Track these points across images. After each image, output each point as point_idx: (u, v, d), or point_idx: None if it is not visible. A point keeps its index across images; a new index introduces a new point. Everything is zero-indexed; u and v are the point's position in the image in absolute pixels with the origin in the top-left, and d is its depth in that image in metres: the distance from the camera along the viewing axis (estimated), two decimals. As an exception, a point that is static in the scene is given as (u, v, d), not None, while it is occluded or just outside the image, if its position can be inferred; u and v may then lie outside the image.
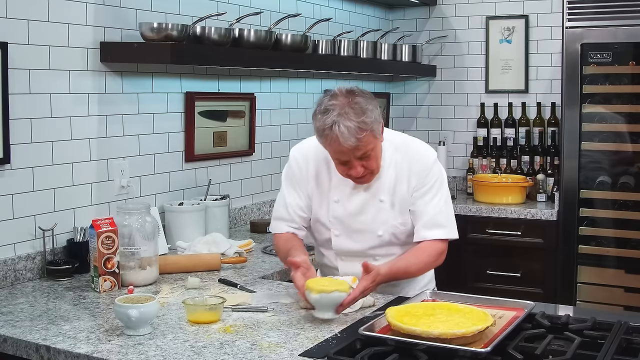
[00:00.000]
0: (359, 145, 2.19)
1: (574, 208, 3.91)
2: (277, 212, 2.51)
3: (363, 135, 2.17)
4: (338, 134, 2.17)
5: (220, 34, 3.07)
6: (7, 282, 2.53)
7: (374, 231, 2.39)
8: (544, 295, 3.92)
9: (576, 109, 3.86)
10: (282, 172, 2.54)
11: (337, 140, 2.18)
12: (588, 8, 3.82)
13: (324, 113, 2.22)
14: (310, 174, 2.44)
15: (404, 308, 2.01)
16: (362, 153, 2.23)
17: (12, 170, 2.57)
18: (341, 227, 2.41)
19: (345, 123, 2.16)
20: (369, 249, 2.42)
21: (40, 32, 2.64)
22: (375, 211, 2.38)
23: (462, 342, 1.80)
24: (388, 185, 2.38)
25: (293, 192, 2.46)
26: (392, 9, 4.99)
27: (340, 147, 2.20)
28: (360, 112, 2.19)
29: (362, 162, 2.26)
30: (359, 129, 2.17)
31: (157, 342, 1.95)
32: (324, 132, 2.21)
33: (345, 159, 2.25)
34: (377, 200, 2.38)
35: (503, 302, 2.15)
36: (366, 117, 2.19)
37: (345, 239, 2.42)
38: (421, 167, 2.38)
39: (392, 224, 2.39)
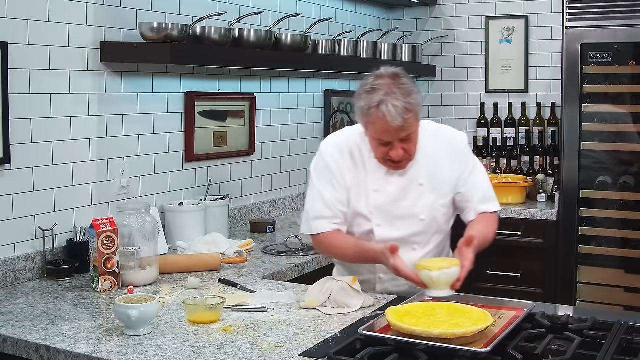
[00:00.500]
0: (405, 126, 2.19)
1: (574, 208, 3.91)
2: (315, 210, 2.39)
3: (409, 116, 2.18)
4: (385, 112, 2.16)
5: (220, 34, 3.07)
6: (7, 282, 2.53)
7: (416, 216, 2.38)
8: (544, 295, 3.92)
9: (576, 109, 3.86)
10: (312, 167, 2.45)
11: (384, 119, 2.17)
12: (588, 8, 3.82)
13: (370, 92, 2.21)
14: (346, 166, 2.39)
15: (404, 308, 2.01)
16: (406, 135, 2.23)
17: (12, 170, 2.57)
18: (382, 215, 2.38)
19: (393, 102, 2.17)
20: (411, 235, 2.39)
21: (40, 32, 2.64)
22: (416, 195, 2.38)
23: (462, 342, 1.80)
24: (426, 169, 2.38)
25: (330, 187, 2.38)
26: (392, 9, 4.99)
27: (386, 127, 2.19)
28: (406, 93, 2.20)
29: (403, 144, 2.25)
30: (405, 109, 2.17)
31: (157, 342, 1.95)
32: (370, 110, 2.20)
33: (388, 139, 2.24)
34: (417, 185, 2.38)
35: (503, 302, 2.15)
36: (412, 98, 2.20)
37: (387, 228, 2.38)
38: (460, 149, 2.43)
39: (434, 207, 2.39)
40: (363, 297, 2.26)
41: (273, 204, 3.91)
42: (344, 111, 4.44)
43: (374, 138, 2.27)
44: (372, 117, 2.21)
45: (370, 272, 2.46)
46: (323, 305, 2.22)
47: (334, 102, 4.38)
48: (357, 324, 2.05)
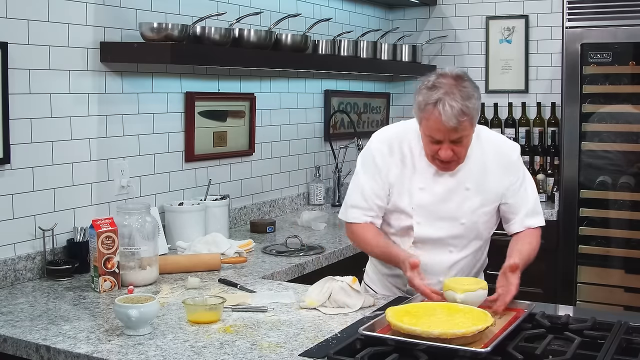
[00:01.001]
0: (458, 128, 2.19)
1: (574, 208, 3.91)
2: (352, 199, 2.43)
3: (464, 119, 2.18)
4: (441, 110, 2.17)
5: (220, 34, 3.07)
6: (7, 282, 2.53)
7: (457, 219, 2.38)
8: (544, 295, 3.91)
9: (576, 109, 3.86)
10: (359, 157, 2.47)
11: (439, 118, 2.17)
12: (588, 8, 3.82)
13: (431, 89, 2.22)
14: (393, 162, 2.39)
15: (404, 308, 2.01)
16: (458, 137, 2.22)
17: (12, 170, 2.57)
18: (425, 214, 2.37)
19: (450, 102, 2.17)
20: (449, 237, 2.39)
21: (40, 32, 2.64)
22: (460, 199, 2.37)
23: (462, 342, 1.80)
24: (475, 174, 2.37)
25: (371, 180, 2.40)
26: (392, 9, 4.99)
27: (439, 125, 2.19)
28: (466, 97, 2.20)
29: (454, 146, 2.25)
30: (462, 111, 2.17)
31: (157, 342, 1.95)
32: (427, 106, 2.20)
33: (439, 138, 2.23)
34: (464, 188, 2.37)
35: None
36: (470, 102, 2.20)
37: (427, 227, 2.38)
38: (513, 160, 2.42)
39: (476, 212, 2.39)
40: (363, 297, 2.26)
41: (273, 204, 3.90)
42: (344, 111, 4.44)
43: (426, 134, 2.27)
44: (427, 113, 2.21)
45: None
46: (323, 305, 2.22)
47: (334, 102, 4.38)
48: (357, 323, 2.05)
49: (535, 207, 2.44)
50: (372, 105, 4.78)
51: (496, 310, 2.09)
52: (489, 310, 2.02)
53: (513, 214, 2.42)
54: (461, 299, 2.08)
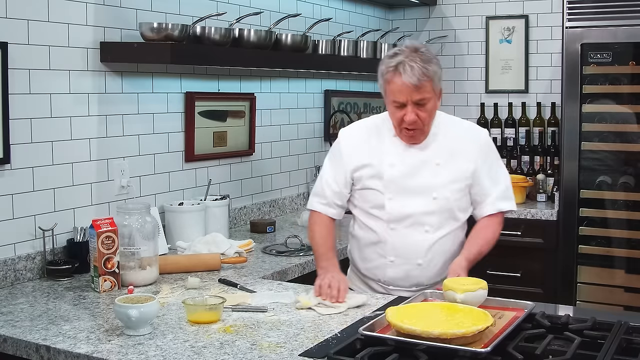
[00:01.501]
0: (419, 86, 2.30)
1: (574, 208, 3.91)
2: (314, 188, 2.61)
3: (425, 79, 2.31)
4: (402, 71, 2.30)
5: (220, 34, 3.07)
6: (7, 282, 2.53)
7: (428, 193, 2.42)
8: (544, 295, 3.92)
9: (576, 109, 3.86)
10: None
11: (400, 78, 2.31)
12: (588, 8, 3.82)
13: (391, 57, 2.36)
14: (362, 146, 2.49)
15: (404, 308, 2.02)
16: (420, 98, 2.33)
17: (12, 170, 2.57)
18: (396, 189, 2.43)
19: (410, 64, 2.31)
20: (422, 214, 2.42)
21: (40, 32, 2.64)
22: (430, 174, 2.43)
23: (462, 342, 1.80)
24: (444, 152, 2.45)
25: (332, 168, 2.54)
26: (392, 9, 4.99)
27: (401, 86, 2.31)
28: (426, 60, 2.34)
29: (418, 109, 2.34)
30: (422, 72, 2.30)
31: (157, 342, 1.95)
32: (388, 71, 2.34)
33: (403, 100, 2.33)
34: (434, 164, 2.44)
35: (503, 302, 2.15)
36: (430, 66, 2.33)
37: (398, 202, 2.43)
38: (482, 142, 2.51)
39: (447, 188, 2.43)
40: (356, 297, 2.26)
41: (273, 204, 3.91)
42: (344, 111, 4.44)
43: (391, 101, 2.37)
44: (389, 76, 2.34)
45: (381, 257, 2.49)
46: (317, 305, 2.22)
47: (334, 102, 4.38)
48: (357, 323, 2.05)
49: (507, 192, 2.51)
50: (372, 105, 4.78)
51: None
52: (489, 310, 2.03)
53: (484, 196, 2.48)
54: (461, 299, 2.08)
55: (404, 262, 2.45)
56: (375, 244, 2.50)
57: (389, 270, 2.48)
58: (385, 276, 2.49)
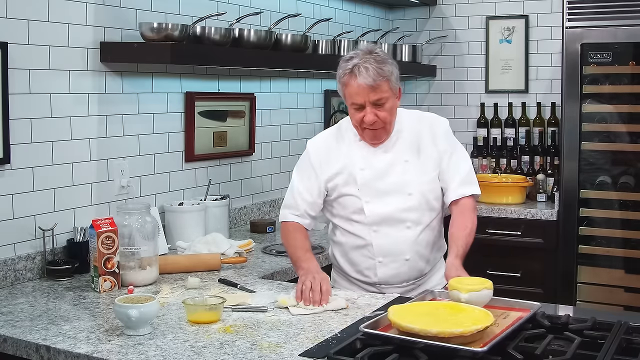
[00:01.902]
0: (375, 87, 2.34)
1: (574, 208, 3.91)
2: (285, 200, 2.61)
3: (380, 79, 2.34)
4: (357, 73, 2.34)
5: (220, 34, 3.07)
6: (7, 282, 2.53)
7: (403, 190, 2.45)
8: (544, 295, 3.92)
9: (576, 109, 3.86)
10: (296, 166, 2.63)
11: (355, 80, 2.35)
12: (588, 8, 3.82)
13: (347, 61, 2.40)
14: (330, 154, 2.52)
15: (407, 306, 2.02)
16: (377, 98, 2.36)
17: (12, 170, 2.57)
18: (370, 191, 2.46)
19: (365, 65, 2.35)
20: (401, 211, 2.45)
21: (40, 32, 2.64)
22: (401, 171, 2.47)
23: (460, 342, 1.80)
24: (410, 147, 2.48)
25: (304, 179, 2.55)
26: (392, 9, 4.99)
27: (358, 88, 2.35)
28: (380, 61, 2.37)
29: (376, 110, 2.37)
30: (377, 73, 2.34)
31: (157, 342, 1.95)
32: (344, 74, 2.38)
33: (360, 101, 2.37)
34: (402, 161, 2.47)
35: (509, 303, 2.15)
36: (384, 66, 2.36)
37: (376, 204, 2.45)
38: (444, 130, 2.54)
39: (420, 182, 2.46)
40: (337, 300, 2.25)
41: (273, 204, 3.90)
42: (344, 111, 4.44)
43: (350, 104, 2.41)
44: (346, 79, 2.38)
45: (369, 258, 2.50)
46: (293, 306, 2.22)
47: (334, 102, 4.38)
48: (357, 323, 2.04)
49: (469, 177, 2.52)
50: (372, 105, 4.78)
51: None
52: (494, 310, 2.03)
53: (446, 183, 2.51)
54: (465, 299, 2.08)
55: (392, 260, 2.48)
56: (361, 247, 2.51)
57: (379, 271, 2.49)
58: (377, 276, 2.50)
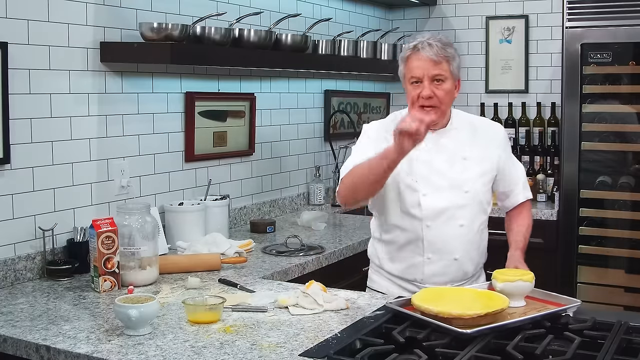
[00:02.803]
0: (436, 61, 2.36)
1: (574, 208, 3.91)
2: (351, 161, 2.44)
3: (442, 56, 2.36)
4: (420, 47, 2.38)
5: (220, 34, 3.07)
6: (7, 282, 2.53)
7: (460, 187, 2.46)
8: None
9: (576, 109, 3.86)
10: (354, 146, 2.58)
11: (419, 53, 2.38)
12: (588, 8, 3.82)
13: (412, 40, 2.44)
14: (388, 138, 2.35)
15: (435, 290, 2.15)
16: (437, 73, 2.37)
17: (12, 170, 2.57)
18: (429, 185, 2.44)
19: (429, 42, 2.38)
20: (456, 207, 2.45)
21: (40, 32, 2.64)
22: (460, 168, 2.47)
23: (462, 324, 1.87)
24: (468, 145, 2.49)
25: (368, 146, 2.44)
26: (392, 9, 4.99)
27: (419, 60, 2.37)
28: (445, 43, 2.40)
29: (434, 86, 2.38)
30: (441, 50, 2.37)
31: (157, 342, 1.95)
32: (407, 51, 2.42)
33: (420, 74, 2.38)
34: (461, 158, 2.47)
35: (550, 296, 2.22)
36: (448, 48, 2.40)
37: (433, 198, 2.44)
38: (503, 135, 2.59)
39: (478, 181, 2.48)
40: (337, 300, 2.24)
41: (273, 204, 3.91)
42: (344, 111, 4.44)
43: (408, 79, 2.42)
44: (407, 54, 2.42)
45: (417, 255, 2.48)
46: (293, 306, 2.22)
47: (334, 102, 4.38)
48: (357, 323, 2.05)
49: (526, 181, 2.67)
50: (372, 105, 4.78)
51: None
52: (534, 301, 2.15)
53: (512, 186, 2.60)
54: (500, 288, 2.16)
55: (441, 258, 2.46)
56: (410, 244, 2.48)
57: (426, 268, 2.47)
58: (423, 274, 2.48)
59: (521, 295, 2.18)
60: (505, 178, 2.57)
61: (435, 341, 1.85)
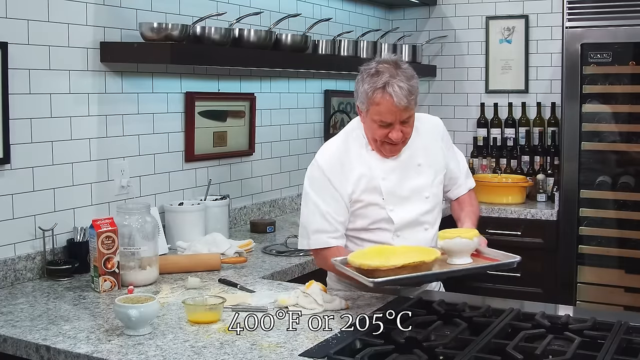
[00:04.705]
0: (408, 107, 2.30)
1: (574, 208, 3.91)
2: (314, 224, 2.38)
3: (412, 97, 2.29)
4: (392, 93, 2.25)
5: (220, 34, 3.07)
6: (7, 282, 2.53)
7: (421, 194, 2.46)
8: (544, 295, 3.92)
9: (576, 109, 3.86)
10: (306, 178, 2.43)
11: (390, 100, 2.26)
12: (588, 8, 3.82)
13: (375, 75, 2.30)
14: (344, 166, 2.39)
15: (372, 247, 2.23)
16: (407, 116, 2.32)
17: (12, 170, 2.57)
18: (394, 200, 2.43)
19: (398, 84, 2.26)
20: (421, 214, 2.46)
21: (40, 32, 2.64)
22: (416, 175, 2.47)
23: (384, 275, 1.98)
24: (419, 150, 2.48)
25: (326, 201, 2.37)
26: (392, 9, 4.99)
27: (391, 108, 2.27)
28: (410, 77, 2.31)
29: (403, 126, 2.34)
30: (409, 91, 2.28)
31: (157, 342, 1.95)
32: (375, 92, 2.28)
33: (390, 120, 2.31)
34: (415, 165, 2.47)
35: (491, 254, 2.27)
36: (413, 82, 2.32)
37: (399, 211, 2.43)
38: (442, 129, 2.58)
39: (433, 184, 2.49)
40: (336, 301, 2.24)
41: (273, 204, 3.91)
42: (344, 111, 4.44)
43: (375, 120, 2.33)
44: (377, 98, 2.28)
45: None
46: (294, 306, 2.22)
47: (334, 102, 4.38)
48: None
49: (468, 170, 2.69)
50: (372, 105, 4.77)
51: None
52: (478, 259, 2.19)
53: (455, 179, 2.60)
54: (440, 245, 2.19)
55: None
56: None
57: None
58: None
59: (462, 252, 2.17)
60: (450, 172, 2.57)
61: (435, 341, 1.85)
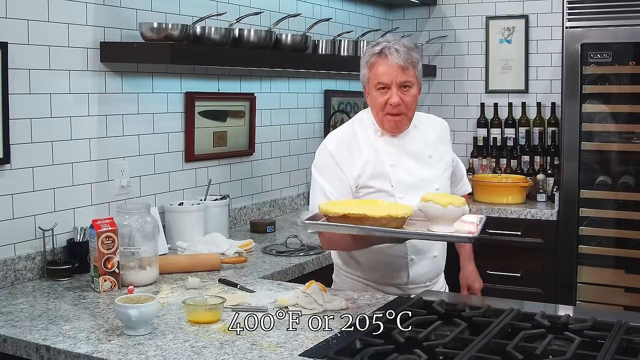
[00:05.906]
0: (404, 67, 2.33)
1: (574, 208, 3.91)
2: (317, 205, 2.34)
3: (409, 62, 2.33)
4: (388, 53, 2.33)
5: (220, 34, 3.07)
6: (7, 282, 2.53)
7: (431, 185, 2.46)
8: (544, 295, 3.92)
9: (576, 109, 3.86)
10: (314, 163, 2.45)
11: (386, 60, 2.33)
12: (588, 8, 3.82)
13: (374, 45, 2.39)
14: (352, 149, 2.41)
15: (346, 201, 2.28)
16: (405, 80, 2.35)
17: (12, 170, 2.57)
18: (404, 188, 2.42)
19: (395, 47, 2.34)
20: None
21: (40, 32, 2.64)
22: (427, 166, 2.49)
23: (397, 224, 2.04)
24: (430, 144, 2.51)
25: (331, 182, 2.38)
26: (392, 9, 4.99)
27: (387, 67, 2.33)
28: (409, 47, 2.37)
29: (401, 92, 2.35)
30: (407, 54, 2.33)
31: (157, 342, 1.95)
32: (373, 57, 2.36)
33: (387, 81, 2.34)
34: (427, 156, 2.49)
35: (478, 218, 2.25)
36: (413, 52, 2.37)
37: (409, 199, 2.39)
38: (448, 130, 2.64)
39: (444, 177, 2.52)
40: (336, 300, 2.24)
41: (273, 204, 3.91)
42: (344, 111, 4.44)
43: (374, 85, 2.37)
44: (374, 60, 2.36)
45: (401, 258, 2.46)
46: (294, 306, 2.22)
47: (334, 102, 4.38)
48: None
49: (466, 176, 2.79)
50: (372, 105, 4.77)
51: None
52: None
53: (458, 180, 2.70)
54: (419, 207, 2.15)
55: (422, 258, 2.47)
56: (391, 248, 2.44)
57: (411, 270, 2.47)
58: (409, 276, 2.47)
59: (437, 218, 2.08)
60: (455, 172, 2.63)
61: (435, 341, 1.85)
